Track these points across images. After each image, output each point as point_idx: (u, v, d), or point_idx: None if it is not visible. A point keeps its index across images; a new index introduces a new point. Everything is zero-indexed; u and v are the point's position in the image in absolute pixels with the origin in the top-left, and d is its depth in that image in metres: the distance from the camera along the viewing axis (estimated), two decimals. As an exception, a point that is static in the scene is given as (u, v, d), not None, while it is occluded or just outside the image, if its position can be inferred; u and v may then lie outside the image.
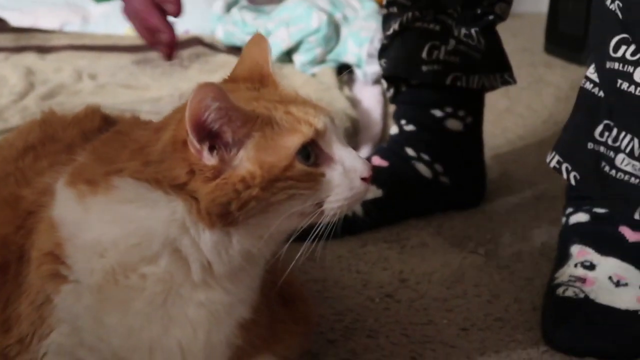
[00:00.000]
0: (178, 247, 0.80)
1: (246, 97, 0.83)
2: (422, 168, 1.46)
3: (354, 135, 1.69)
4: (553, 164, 1.27)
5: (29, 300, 0.84)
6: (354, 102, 1.88)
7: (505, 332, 1.14)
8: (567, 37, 2.47)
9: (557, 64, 2.43)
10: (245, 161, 0.79)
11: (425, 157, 1.46)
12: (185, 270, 0.81)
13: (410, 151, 1.46)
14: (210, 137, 0.78)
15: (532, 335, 1.14)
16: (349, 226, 1.38)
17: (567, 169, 1.25)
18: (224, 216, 0.79)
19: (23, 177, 0.94)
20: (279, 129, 0.80)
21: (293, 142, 0.79)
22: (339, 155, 0.81)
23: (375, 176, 1.37)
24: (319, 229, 0.81)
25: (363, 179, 0.82)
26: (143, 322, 0.82)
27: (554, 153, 1.28)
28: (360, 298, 1.20)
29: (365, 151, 1.66)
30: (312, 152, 0.80)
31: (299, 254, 0.84)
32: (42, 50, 2.23)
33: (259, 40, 0.90)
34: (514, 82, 1.49)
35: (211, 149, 0.78)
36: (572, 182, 1.25)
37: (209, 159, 0.78)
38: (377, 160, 1.46)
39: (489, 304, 1.21)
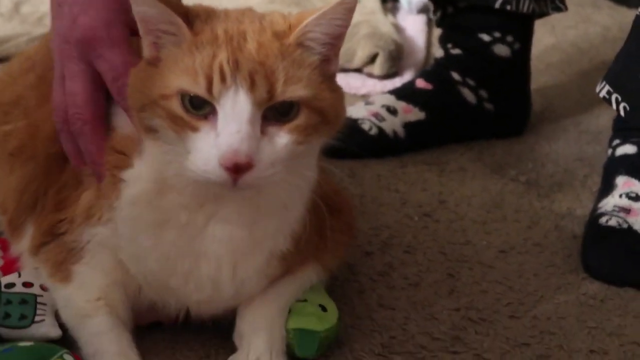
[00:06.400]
0: None
1: (233, 26, 0.78)
2: (466, 93, 1.43)
3: (397, 59, 1.66)
4: (602, 94, 1.24)
5: (92, 191, 0.86)
6: (397, 29, 1.85)
7: (545, 257, 1.13)
8: (617, -22, 2.41)
9: (605, 5, 2.37)
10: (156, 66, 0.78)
11: (471, 82, 1.43)
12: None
13: (455, 75, 1.43)
14: (153, 34, 0.78)
15: (571, 262, 1.12)
16: (390, 146, 1.37)
17: (616, 99, 1.22)
18: (136, 114, 0.79)
19: None
20: (192, 64, 0.75)
21: (177, 82, 0.75)
22: (221, 128, 0.74)
23: (419, 98, 1.40)
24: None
25: (226, 168, 0.74)
26: (177, 254, 0.83)
27: (603, 83, 1.25)
28: (398, 215, 1.19)
29: (408, 75, 1.63)
30: (207, 106, 0.75)
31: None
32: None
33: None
34: (565, 8, 1.45)
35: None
36: (621, 112, 1.22)
37: (145, 50, 0.79)
38: (421, 83, 1.44)
39: (528, 229, 1.19)
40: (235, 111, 0.74)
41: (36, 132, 0.92)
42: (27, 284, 0.89)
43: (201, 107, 0.75)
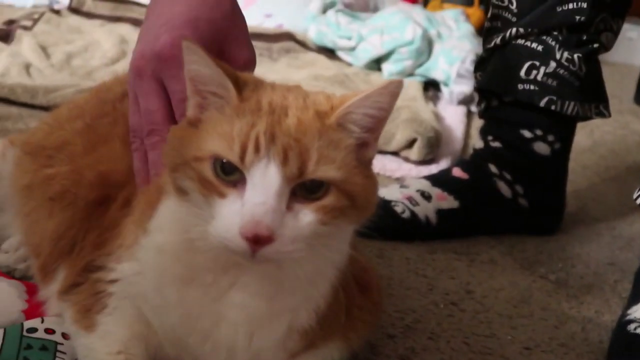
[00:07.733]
0: None
1: (281, 96, 0.78)
2: (502, 186, 1.43)
3: (435, 146, 1.67)
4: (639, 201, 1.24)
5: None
6: (437, 117, 1.87)
7: (569, 358, 1.11)
8: (660, 90, 2.42)
9: (644, 115, 2.39)
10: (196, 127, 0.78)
11: (508, 176, 1.43)
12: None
13: (493, 168, 1.44)
14: (201, 95, 0.78)
15: (596, 367, 1.10)
16: (421, 231, 1.36)
17: (652, 207, 1.22)
18: (170, 174, 0.79)
19: (121, 118, 0.95)
20: (230, 130, 0.74)
21: (212, 146, 0.75)
22: (247, 197, 0.73)
23: (454, 187, 1.40)
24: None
25: (246, 238, 0.72)
26: (199, 312, 0.82)
27: (641, 190, 1.24)
28: (424, 301, 1.18)
29: (444, 163, 1.64)
30: (237, 173, 0.74)
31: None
32: (137, 23, 2.26)
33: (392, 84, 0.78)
34: (609, 115, 1.45)
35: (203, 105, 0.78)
36: (657, 221, 1.21)
37: (190, 109, 0.79)
38: (458, 172, 1.44)
39: (555, 329, 1.17)
40: (264, 183, 0.73)
41: (80, 178, 0.93)
42: (49, 331, 0.89)
43: (231, 174, 0.74)
